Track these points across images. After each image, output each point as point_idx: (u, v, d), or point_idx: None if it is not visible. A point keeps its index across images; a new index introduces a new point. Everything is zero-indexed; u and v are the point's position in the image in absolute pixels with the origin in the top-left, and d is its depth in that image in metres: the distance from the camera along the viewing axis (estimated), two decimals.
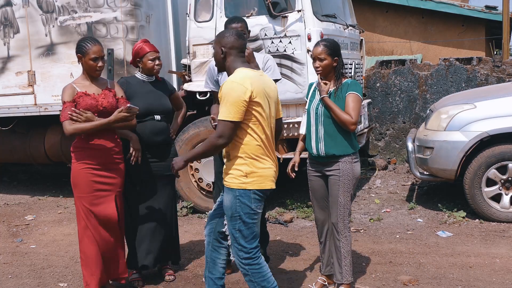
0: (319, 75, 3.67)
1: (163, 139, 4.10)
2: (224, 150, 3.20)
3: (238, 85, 2.99)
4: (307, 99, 3.82)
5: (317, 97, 3.70)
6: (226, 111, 2.98)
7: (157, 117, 4.06)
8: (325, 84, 3.63)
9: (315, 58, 3.65)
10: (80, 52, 3.70)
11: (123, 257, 4.04)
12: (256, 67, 3.73)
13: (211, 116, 3.96)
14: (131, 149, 3.97)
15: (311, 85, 3.88)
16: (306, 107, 3.78)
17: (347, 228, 3.69)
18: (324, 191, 3.76)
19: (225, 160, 3.21)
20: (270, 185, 3.14)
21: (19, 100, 6.64)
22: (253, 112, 3.03)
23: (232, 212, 3.10)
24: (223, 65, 3.19)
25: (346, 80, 3.69)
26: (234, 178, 3.08)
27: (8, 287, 4.30)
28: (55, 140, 7.03)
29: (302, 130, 3.84)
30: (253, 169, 3.06)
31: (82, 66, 3.76)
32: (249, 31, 4.25)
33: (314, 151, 3.67)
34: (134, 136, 3.98)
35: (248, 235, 3.11)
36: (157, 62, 4.08)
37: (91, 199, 3.73)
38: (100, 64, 3.71)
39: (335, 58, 3.63)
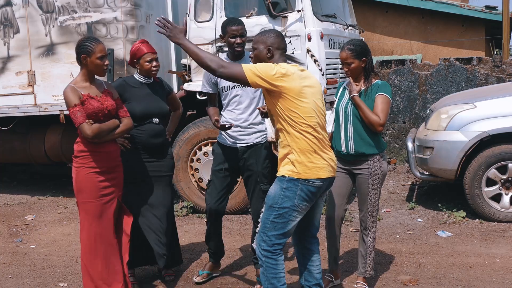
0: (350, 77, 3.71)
1: (161, 142, 4.07)
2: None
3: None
4: (336, 98, 3.85)
5: (346, 96, 3.73)
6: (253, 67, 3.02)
7: (155, 120, 4.00)
8: (357, 84, 3.67)
9: (342, 63, 3.67)
10: (85, 52, 3.52)
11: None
12: None
13: (215, 118, 3.91)
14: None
15: (340, 84, 3.91)
16: (334, 106, 3.80)
17: (375, 223, 3.78)
18: (347, 188, 3.80)
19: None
20: None
21: (19, 100, 6.63)
22: None
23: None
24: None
25: (377, 80, 3.69)
26: None
27: (8, 287, 4.30)
28: (55, 140, 7.03)
29: (330, 128, 3.83)
30: None
31: (85, 67, 3.57)
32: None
33: (343, 149, 3.68)
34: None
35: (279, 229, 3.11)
36: (154, 63, 3.97)
37: (97, 204, 3.61)
38: (106, 62, 3.58)
39: (363, 58, 3.63)
